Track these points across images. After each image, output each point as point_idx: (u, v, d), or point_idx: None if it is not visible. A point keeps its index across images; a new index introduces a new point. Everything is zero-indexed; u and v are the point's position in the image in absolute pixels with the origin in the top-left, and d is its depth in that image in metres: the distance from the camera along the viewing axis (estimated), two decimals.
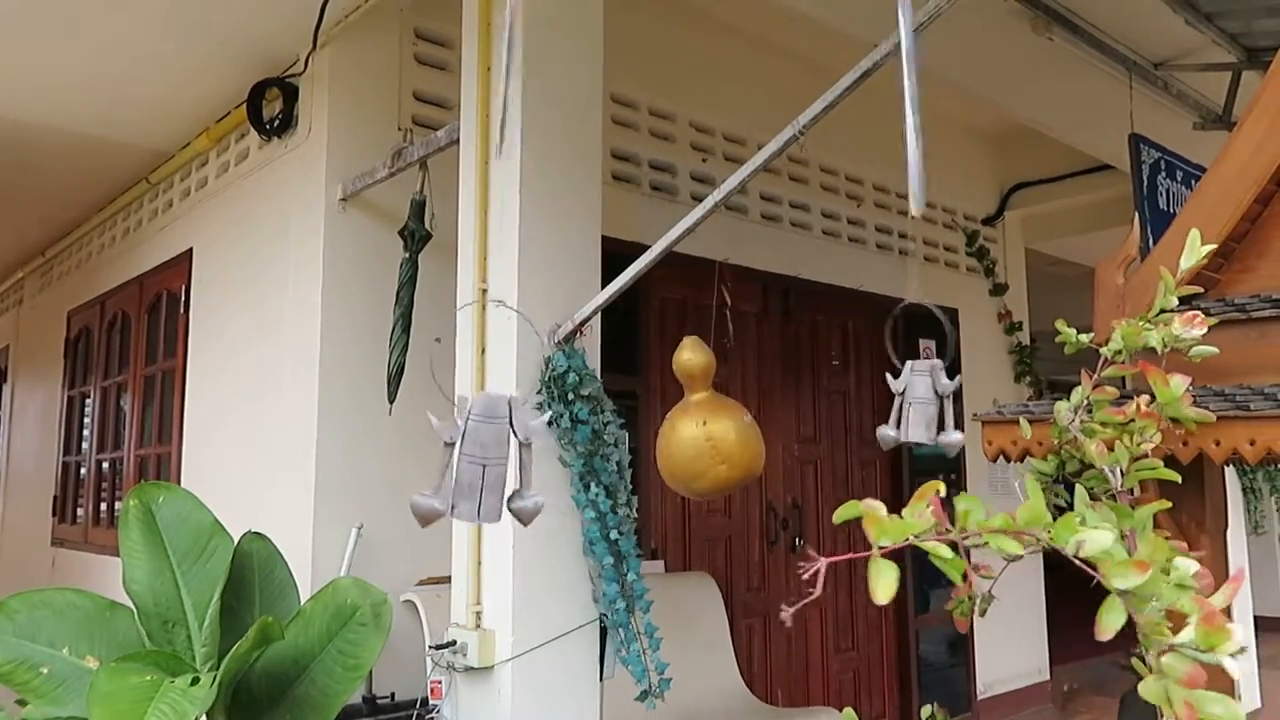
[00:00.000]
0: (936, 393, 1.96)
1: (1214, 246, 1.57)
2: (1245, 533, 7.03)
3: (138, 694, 2.04)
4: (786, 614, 1.30)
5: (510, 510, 1.60)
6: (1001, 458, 1.87)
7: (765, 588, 5.08)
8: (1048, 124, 5.39)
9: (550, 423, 2.82)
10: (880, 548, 1.15)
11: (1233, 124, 4.52)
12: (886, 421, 1.99)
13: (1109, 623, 1.11)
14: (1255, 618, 6.29)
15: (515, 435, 1.58)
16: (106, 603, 2.51)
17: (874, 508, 1.17)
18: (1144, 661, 1.24)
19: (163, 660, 2.28)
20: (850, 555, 1.20)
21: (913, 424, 1.88)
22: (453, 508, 1.54)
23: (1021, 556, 1.21)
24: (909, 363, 1.98)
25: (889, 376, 1.99)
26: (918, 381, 1.89)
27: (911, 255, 6.07)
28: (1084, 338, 1.61)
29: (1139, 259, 1.89)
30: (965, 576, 1.22)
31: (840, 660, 5.42)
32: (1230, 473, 2.20)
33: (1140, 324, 1.50)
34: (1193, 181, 5.10)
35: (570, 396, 2.78)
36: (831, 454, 5.56)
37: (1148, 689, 1.09)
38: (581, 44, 3.06)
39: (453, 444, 1.54)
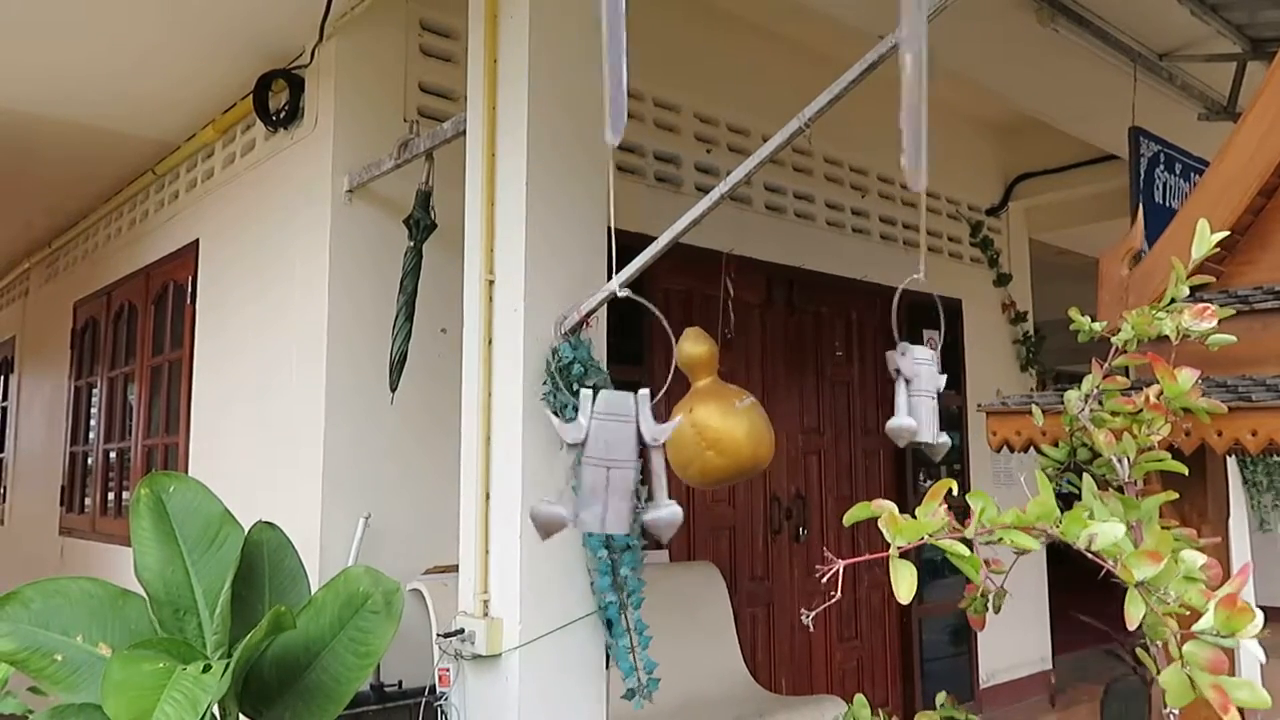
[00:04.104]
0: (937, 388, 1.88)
1: (1225, 234, 1.58)
2: (1248, 523, 7.03)
3: (151, 681, 2.07)
4: (808, 617, 1.32)
5: (644, 523, 1.43)
6: (1005, 448, 1.89)
7: (769, 577, 5.11)
8: (1052, 115, 5.38)
9: (555, 412, 2.84)
10: (897, 547, 1.16)
11: (1237, 115, 4.53)
12: (891, 413, 1.88)
13: (1135, 613, 1.13)
14: (1257, 606, 6.30)
15: (642, 436, 1.43)
16: (119, 591, 2.53)
17: (886, 508, 1.19)
18: (1148, 651, 1.26)
19: (175, 648, 2.30)
20: (869, 556, 1.21)
21: (925, 419, 1.80)
22: (575, 516, 1.41)
23: (1036, 549, 1.22)
24: (910, 347, 1.88)
25: (896, 356, 1.86)
26: (925, 372, 1.82)
27: (919, 244, 6.07)
28: (1097, 326, 1.62)
29: (1143, 251, 1.90)
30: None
31: (844, 649, 5.45)
32: (1231, 462, 2.22)
33: (1152, 313, 1.52)
34: (1192, 174, 5.10)
35: (575, 387, 2.80)
36: (835, 444, 5.58)
37: (1169, 678, 1.10)
38: (586, 36, 3.07)
39: (576, 446, 1.40)
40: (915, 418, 1.73)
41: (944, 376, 1.82)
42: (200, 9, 3.76)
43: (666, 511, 1.41)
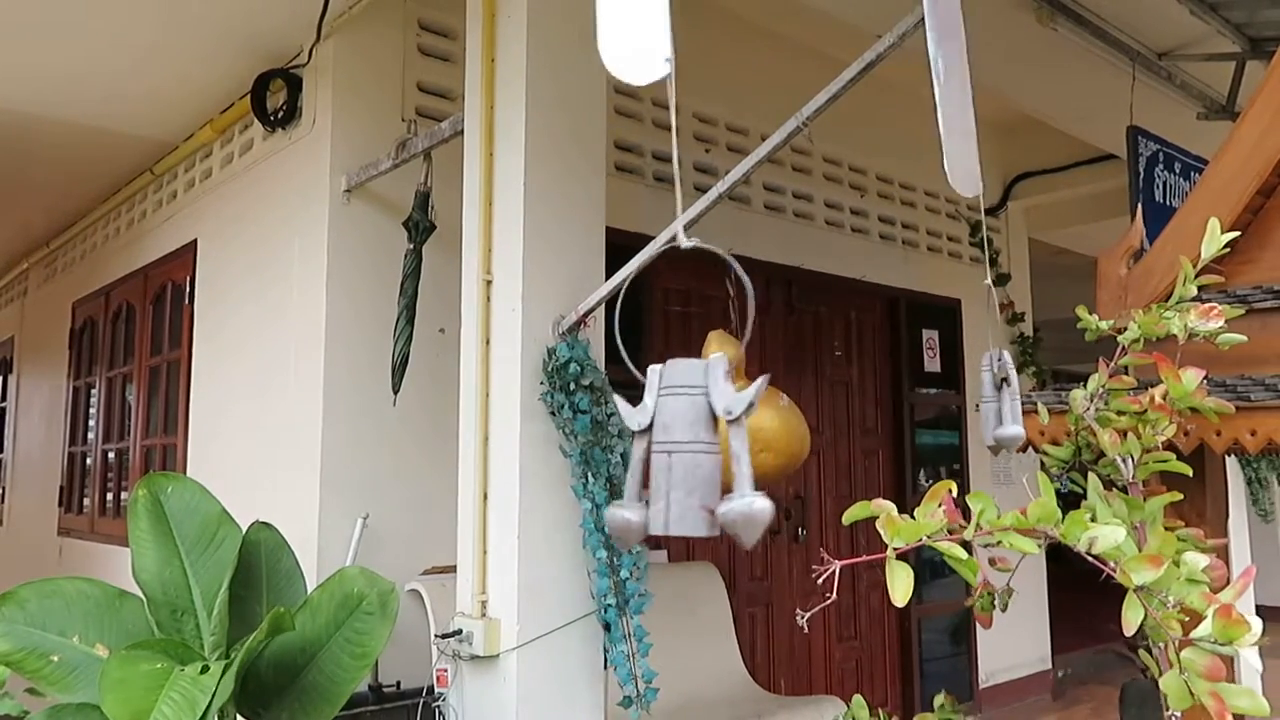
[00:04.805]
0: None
1: (1236, 235, 1.57)
2: (1249, 522, 7.03)
3: (149, 681, 2.06)
4: (803, 619, 1.28)
5: (720, 519, 1.11)
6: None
7: (768, 577, 5.10)
8: (1052, 114, 5.38)
9: (553, 412, 2.83)
10: (894, 549, 1.15)
11: (1236, 114, 4.52)
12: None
13: (1133, 618, 1.12)
14: (1257, 606, 6.30)
15: (713, 409, 1.13)
16: (116, 591, 2.52)
17: (885, 508, 1.18)
18: (1150, 653, 1.25)
19: (172, 649, 2.30)
20: (865, 558, 1.20)
21: (1017, 420, 1.73)
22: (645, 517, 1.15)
23: (1035, 553, 1.21)
24: (1001, 353, 1.71)
25: (1006, 365, 1.70)
26: (1014, 376, 1.76)
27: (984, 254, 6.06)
28: (1104, 324, 1.61)
29: (1141, 250, 1.90)
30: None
31: (843, 649, 5.45)
32: (1232, 461, 2.21)
33: (1159, 313, 1.51)
34: (1192, 173, 5.10)
35: (572, 386, 2.79)
36: (835, 444, 5.57)
37: (1168, 683, 1.10)
38: (585, 35, 3.06)
39: (645, 431, 1.13)
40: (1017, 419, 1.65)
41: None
42: (198, 9, 3.75)
43: (740, 504, 1.08)
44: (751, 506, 1.09)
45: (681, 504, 1.11)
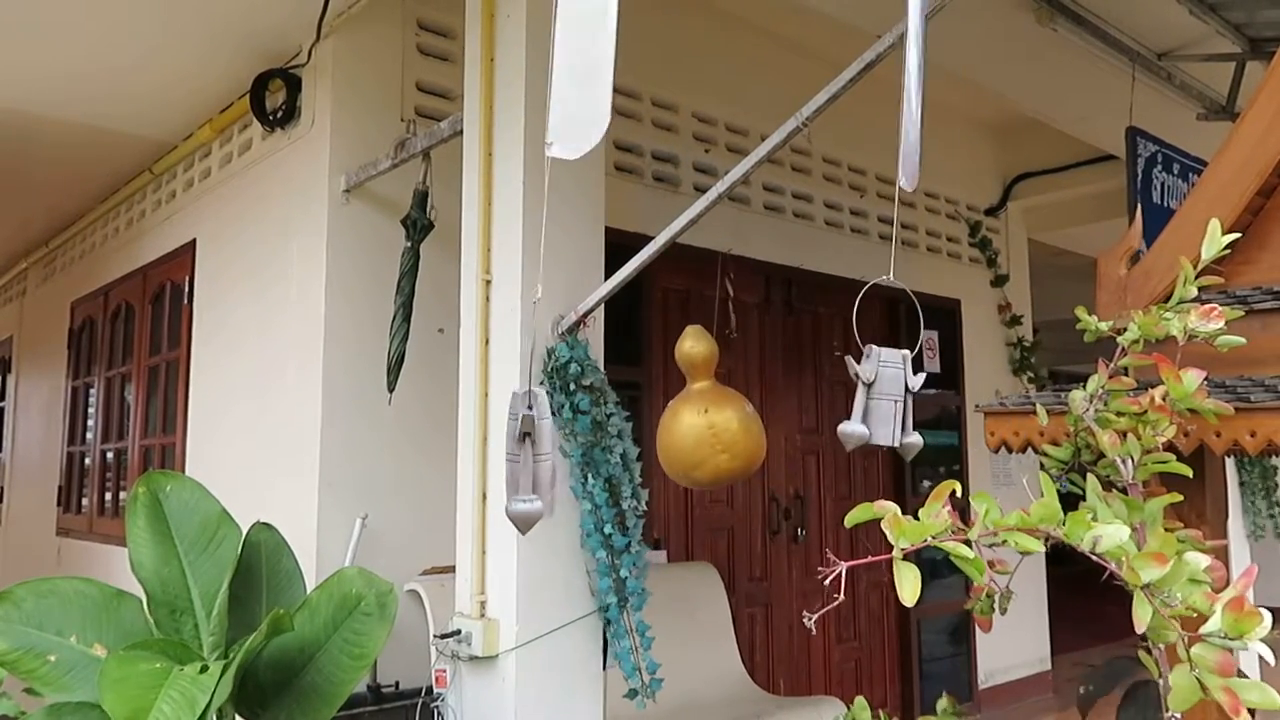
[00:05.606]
0: (906, 388, 1.74)
1: (1236, 236, 1.57)
2: (1246, 525, 7.03)
3: (148, 681, 2.06)
4: (810, 620, 1.31)
5: (506, 513, 1.69)
6: (1003, 448, 1.88)
7: (767, 578, 5.10)
8: (1051, 115, 5.38)
9: (552, 412, 2.83)
10: (900, 550, 1.15)
11: (1236, 115, 4.52)
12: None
13: (1143, 615, 1.12)
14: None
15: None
16: (114, 591, 2.52)
17: (889, 509, 1.18)
18: (1149, 653, 1.25)
19: (171, 649, 2.29)
20: (872, 559, 1.20)
21: (879, 422, 1.73)
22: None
23: (1039, 552, 1.21)
24: (875, 350, 1.74)
25: (851, 362, 1.75)
26: (888, 374, 1.75)
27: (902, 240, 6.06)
28: (1103, 325, 1.61)
29: (1141, 251, 1.90)
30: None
31: (842, 650, 5.45)
32: (1229, 464, 2.21)
33: (1159, 314, 1.51)
34: (1190, 174, 5.09)
35: (572, 387, 2.79)
36: (834, 444, 5.56)
37: (1177, 680, 1.10)
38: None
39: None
40: (870, 421, 1.69)
41: (921, 376, 1.77)
42: (197, 8, 3.75)
43: (511, 503, 1.66)
44: (512, 507, 1.69)
45: (507, 495, 1.70)
